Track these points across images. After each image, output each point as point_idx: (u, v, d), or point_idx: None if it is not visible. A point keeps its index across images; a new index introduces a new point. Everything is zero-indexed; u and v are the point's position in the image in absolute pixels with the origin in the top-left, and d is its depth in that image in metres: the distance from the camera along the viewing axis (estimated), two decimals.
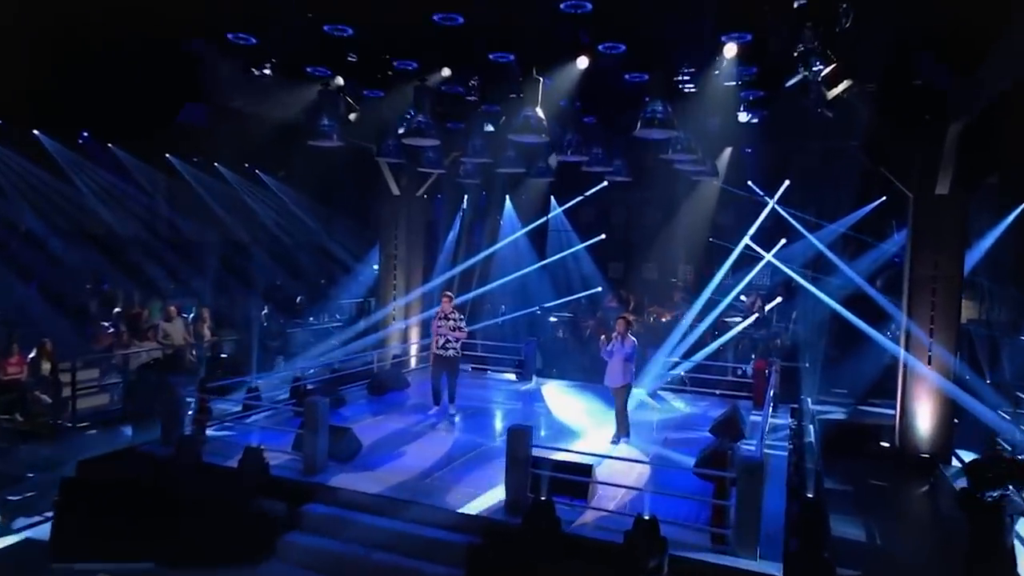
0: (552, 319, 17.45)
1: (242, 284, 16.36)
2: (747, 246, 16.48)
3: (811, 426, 11.35)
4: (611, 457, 8.58)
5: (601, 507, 7.44)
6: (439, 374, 10.88)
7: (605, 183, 17.53)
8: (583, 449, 8.50)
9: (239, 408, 10.14)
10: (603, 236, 19.09)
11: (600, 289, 18.81)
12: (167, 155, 16.97)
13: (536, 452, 7.57)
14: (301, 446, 8.52)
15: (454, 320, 10.76)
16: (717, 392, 12.72)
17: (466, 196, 20.12)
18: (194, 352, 13.34)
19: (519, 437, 7.72)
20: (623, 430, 10.13)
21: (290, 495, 7.71)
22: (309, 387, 10.96)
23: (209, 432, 9.18)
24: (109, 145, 15.90)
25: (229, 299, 16.15)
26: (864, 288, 14.35)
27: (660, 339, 14.97)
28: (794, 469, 9.19)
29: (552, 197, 19.52)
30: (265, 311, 15.91)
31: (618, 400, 10.03)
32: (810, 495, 7.67)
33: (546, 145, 11.94)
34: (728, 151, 15.34)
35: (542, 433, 10.02)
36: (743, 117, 11.63)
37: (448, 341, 10.67)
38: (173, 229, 16.98)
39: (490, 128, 12.54)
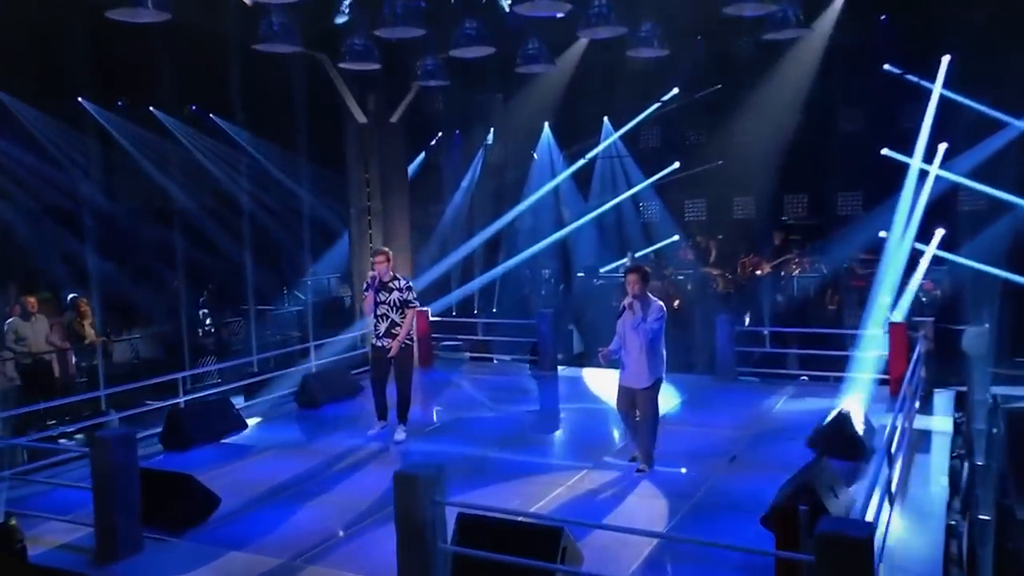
0: (598, 282, 15.74)
1: (173, 265, 14.24)
2: (886, 157, 14.46)
3: (990, 425, 8.54)
4: (601, 526, 5.73)
5: None
6: (380, 377, 8.64)
7: (675, 91, 16.41)
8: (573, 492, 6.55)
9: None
10: (676, 165, 17.43)
11: (677, 239, 17.40)
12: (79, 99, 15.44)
13: (467, 511, 5.39)
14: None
15: (397, 291, 8.44)
16: (832, 376, 10.41)
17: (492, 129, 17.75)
18: (72, 361, 11.26)
19: (411, 490, 4.93)
20: (647, 458, 7.40)
21: None
22: (182, 405, 8.57)
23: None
24: None
25: (155, 284, 14.05)
26: None
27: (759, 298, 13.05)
28: (961, 507, 6.22)
29: (606, 120, 18.05)
30: (204, 297, 14.22)
31: (642, 406, 7.26)
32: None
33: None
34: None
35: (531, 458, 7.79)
36: None
37: (392, 324, 8.39)
38: (86, 199, 15.07)
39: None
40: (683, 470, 7.49)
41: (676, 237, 17.62)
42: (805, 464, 6.01)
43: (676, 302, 14.07)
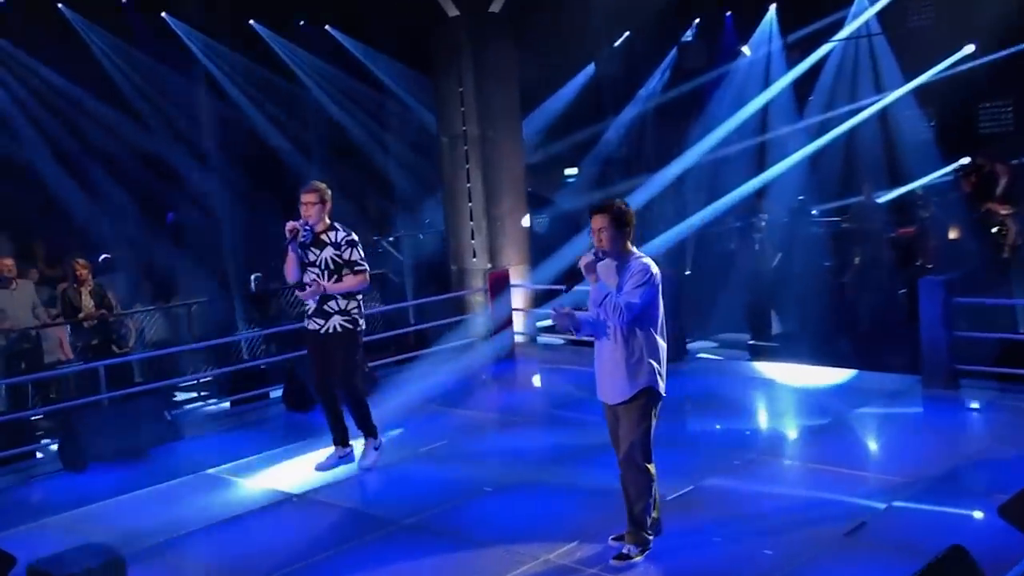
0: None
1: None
2: None
3: None
4: None
5: None
6: (321, 375, 7.33)
7: None
8: None
9: None
10: (970, 49, 15.18)
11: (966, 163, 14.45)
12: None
13: None
14: None
15: (331, 246, 7.10)
16: None
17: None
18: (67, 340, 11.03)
19: None
20: (636, 531, 5.56)
21: None
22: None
23: None
24: None
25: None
26: None
27: None
28: None
29: None
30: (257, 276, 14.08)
31: (623, 435, 5.53)
32: None
33: None
34: None
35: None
36: None
37: (324, 297, 7.09)
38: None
39: None
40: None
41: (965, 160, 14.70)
42: None
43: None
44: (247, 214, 14.77)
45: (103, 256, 12.81)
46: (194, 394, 11.06)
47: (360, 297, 7.27)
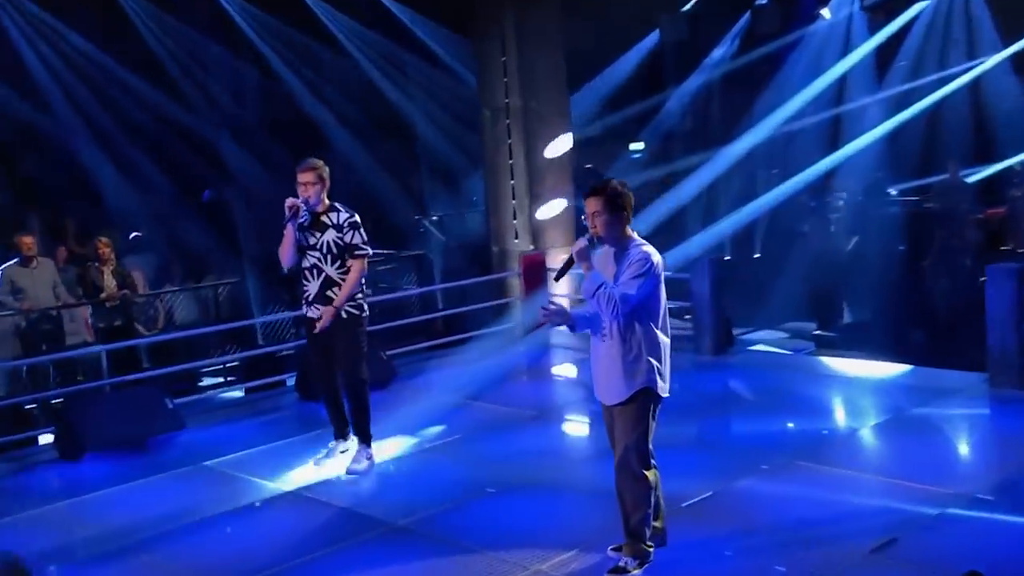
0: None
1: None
2: None
3: None
4: None
5: None
6: (321, 365, 7.30)
7: None
8: None
9: None
10: None
11: None
12: None
13: None
14: None
15: (333, 228, 6.98)
16: None
17: None
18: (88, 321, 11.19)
19: None
20: (634, 542, 5.29)
21: None
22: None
23: None
24: None
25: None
26: None
27: None
28: None
29: None
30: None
31: (618, 438, 5.32)
32: None
33: None
34: None
35: None
36: None
37: (327, 283, 6.96)
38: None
39: None
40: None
41: None
42: None
43: None
44: (286, 191, 14.77)
45: (134, 234, 12.92)
46: (220, 379, 11.16)
47: (363, 281, 7.15)
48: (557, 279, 5.39)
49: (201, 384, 11.11)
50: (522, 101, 12.29)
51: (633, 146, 18.89)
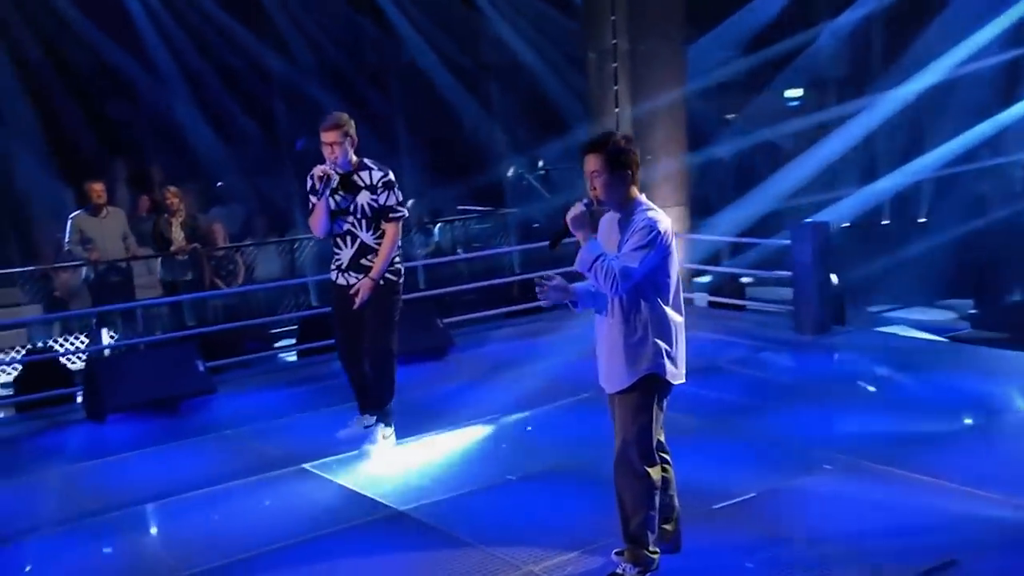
0: None
1: None
2: None
3: None
4: None
5: None
6: (349, 336, 7.14)
7: None
8: None
9: None
10: None
11: None
12: None
13: None
14: None
15: (367, 189, 6.84)
16: None
17: None
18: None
19: None
20: (634, 547, 5.07)
21: None
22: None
23: None
24: None
25: None
26: None
27: None
28: None
29: None
30: None
31: (619, 428, 5.06)
32: None
33: None
34: None
35: None
36: None
37: (363, 249, 6.87)
38: None
39: None
40: None
41: None
42: None
43: None
44: (385, 142, 14.91)
45: (219, 183, 13.24)
46: (293, 340, 11.38)
47: (400, 244, 7.05)
48: (552, 248, 5.11)
49: (277, 345, 11.37)
50: (630, 43, 12.07)
51: (789, 93, 18.36)
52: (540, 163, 16.26)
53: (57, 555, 5.89)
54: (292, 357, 10.05)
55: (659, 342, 4.82)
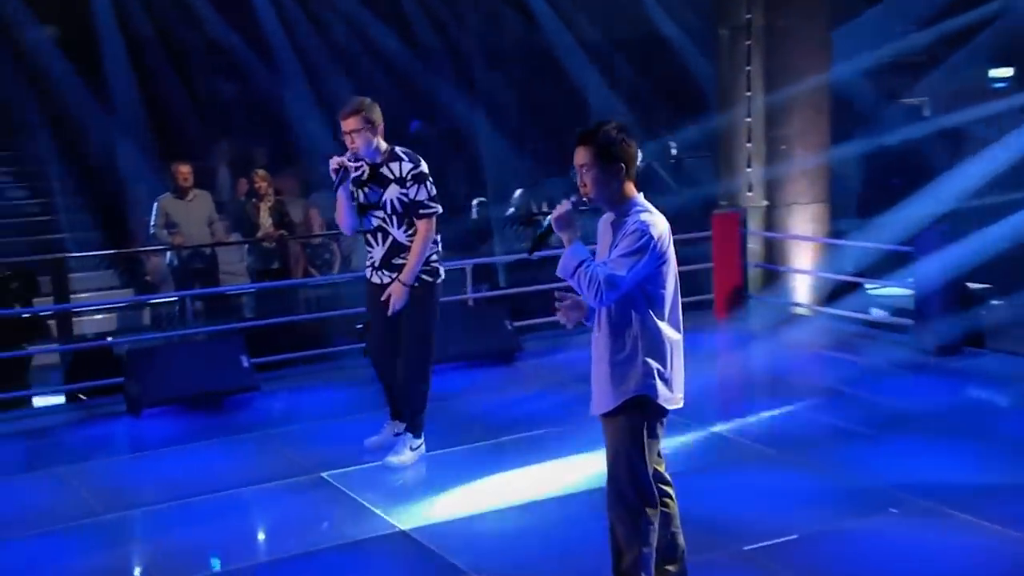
0: None
1: None
2: None
3: None
4: None
5: None
6: (381, 338, 7.12)
7: None
8: None
9: None
10: None
11: None
12: None
13: None
14: None
15: (395, 182, 6.74)
16: None
17: None
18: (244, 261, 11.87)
19: None
20: None
21: None
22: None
23: None
24: None
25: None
26: None
27: None
28: None
29: None
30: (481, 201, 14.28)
31: (608, 455, 4.88)
32: None
33: None
34: None
35: None
36: None
37: (395, 247, 6.80)
38: None
39: None
40: None
41: None
42: None
43: None
44: (506, 127, 14.92)
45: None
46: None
47: (437, 240, 6.94)
48: (531, 253, 4.89)
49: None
50: (767, 19, 11.89)
51: (995, 72, 17.67)
52: (673, 150, 15.95)
53: (53, 557, 6.05)
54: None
55: (650, 361, 4.59)
